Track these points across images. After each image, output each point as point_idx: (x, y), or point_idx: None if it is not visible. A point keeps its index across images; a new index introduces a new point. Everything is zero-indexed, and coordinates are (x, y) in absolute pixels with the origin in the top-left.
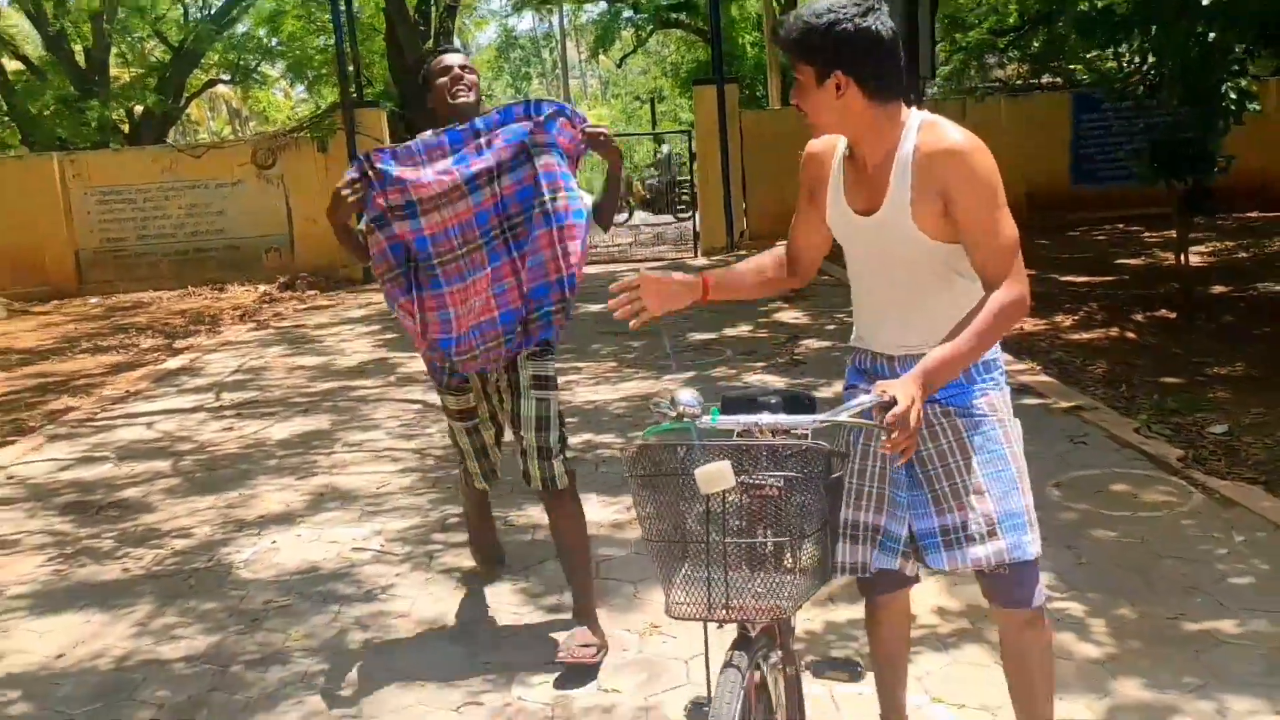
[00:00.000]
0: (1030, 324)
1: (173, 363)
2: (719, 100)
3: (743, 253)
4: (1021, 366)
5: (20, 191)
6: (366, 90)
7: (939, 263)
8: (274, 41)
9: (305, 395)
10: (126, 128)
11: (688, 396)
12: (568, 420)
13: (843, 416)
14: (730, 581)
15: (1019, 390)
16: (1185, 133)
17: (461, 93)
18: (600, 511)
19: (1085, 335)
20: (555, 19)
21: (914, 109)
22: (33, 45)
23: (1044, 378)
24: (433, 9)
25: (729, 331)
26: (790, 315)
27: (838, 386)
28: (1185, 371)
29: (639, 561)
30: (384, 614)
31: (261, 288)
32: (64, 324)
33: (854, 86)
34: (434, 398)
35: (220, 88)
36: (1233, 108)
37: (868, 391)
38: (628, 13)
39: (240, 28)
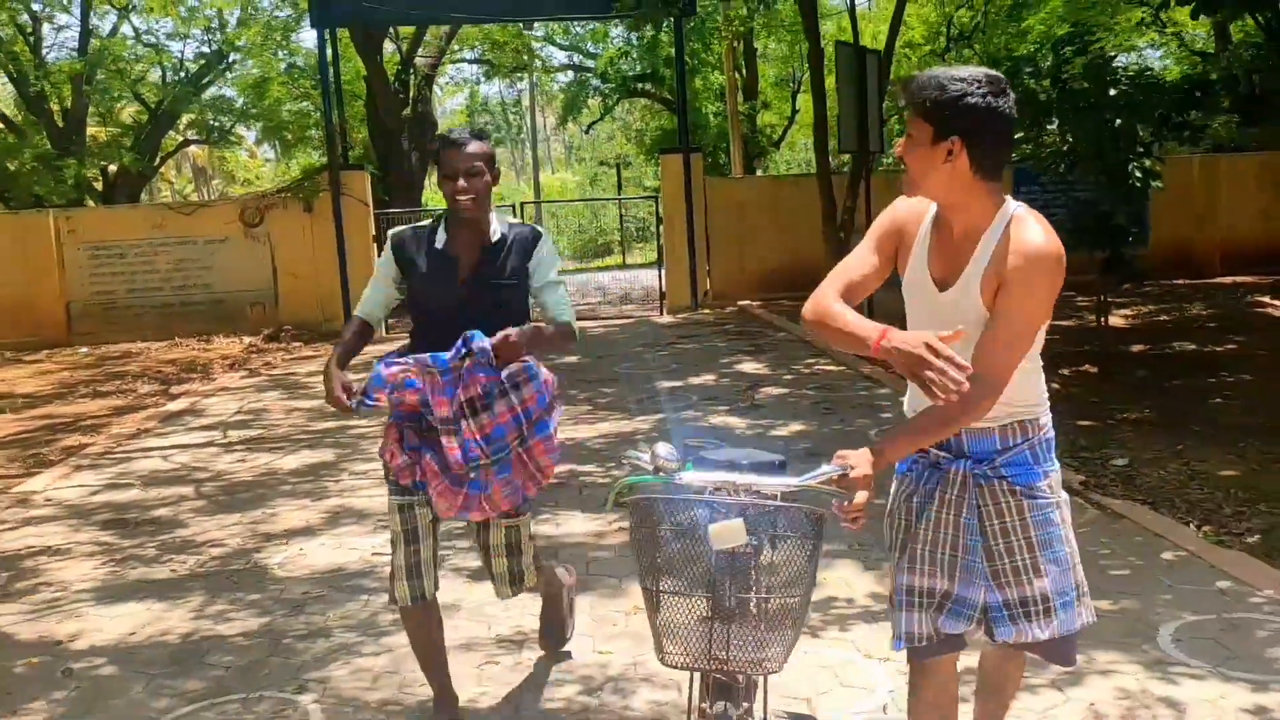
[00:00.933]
0: None
1: (174, 405)
2: (685, 168)
3: (706, 311)
4: None
5: (15, 245)
6: (350, 154)
7: None
8: (247, 107)
9: (307, 433)
10: (100, 185)
11: (665, 450)
12: None
13: (810, 482)
14: (732, 634)
15: None
16: (1102, 206)
17: (466, 206)
18: (585, 525)
19: None
20: (525, 86)
21: (1010, 198)
22: (7, 103)
23: None
24: (411, 77)
25: (693, 380)
26: (750, 366)
27: (795, 425)
28: (1099, 417)
29: (622, 560)
30: None
31: (247, 339)
32: (58, 371)
33: (965, 156)
34: None
35: (191, 148)
36: (1138, 184)
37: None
38: (595, 81)
39: (215, 90)
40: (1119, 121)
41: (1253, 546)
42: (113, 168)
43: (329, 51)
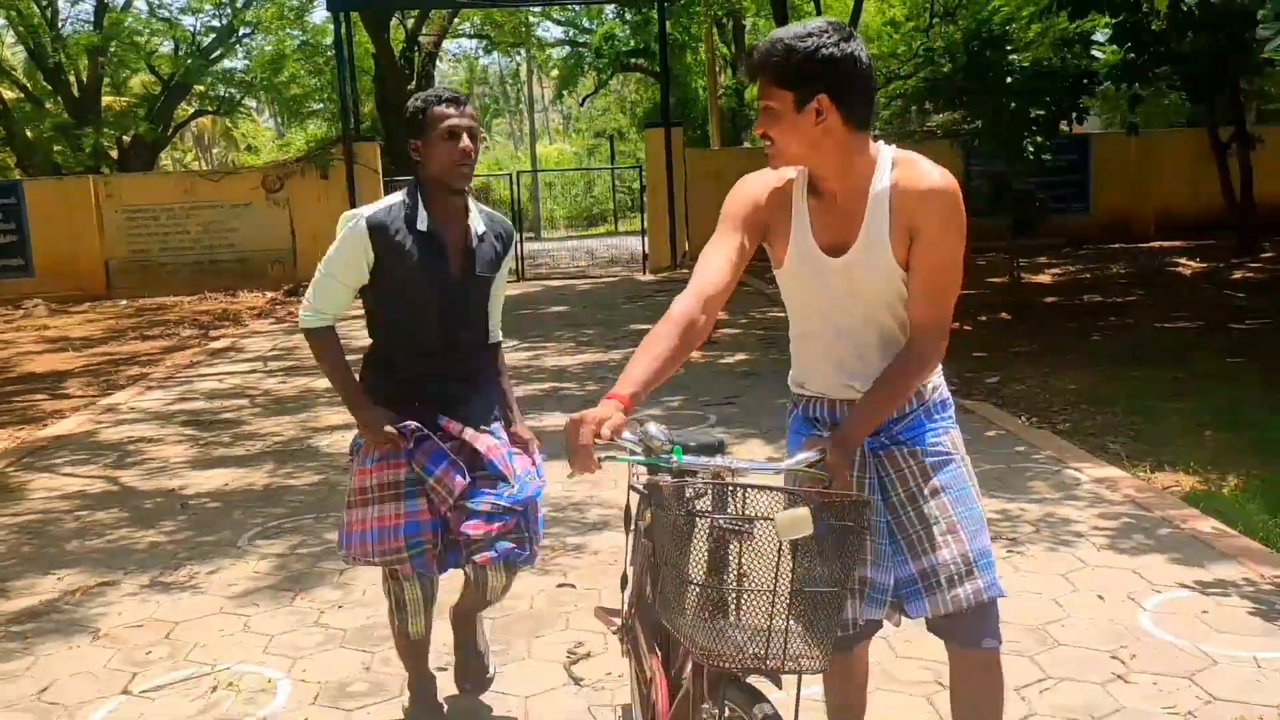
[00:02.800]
0: None
1: (217, 344)
2: (666, 141)
3: (685, 270)
4: None
5: (59, 208)
6: (360, 126)
7: (902, 300)
8: (258, 80)
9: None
10: (115, 154)
11: (656, 430)
12: (538, 381)
13: (793, 468)
14: (790, 631)
15: None
16: (1004, 178)
17: (465, 174)
18: (562, 421)
19: None
20: (523, 59)
21: (881, 143)
22: (25, 74)
23: None
24: (416, 53)
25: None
26: None
27: (740, 355)
28: (995, 350)
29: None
30: None
31: (269, 294)
32: (104, 320)
33: (835, 112)
34: None
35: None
36: (1031, 158)
37: (824, 436)
38: (590, 57)
39: (227, 63)
40: (1014, 105)
41: (1059, 429)
42: (127, 137)
43: (343, 31)
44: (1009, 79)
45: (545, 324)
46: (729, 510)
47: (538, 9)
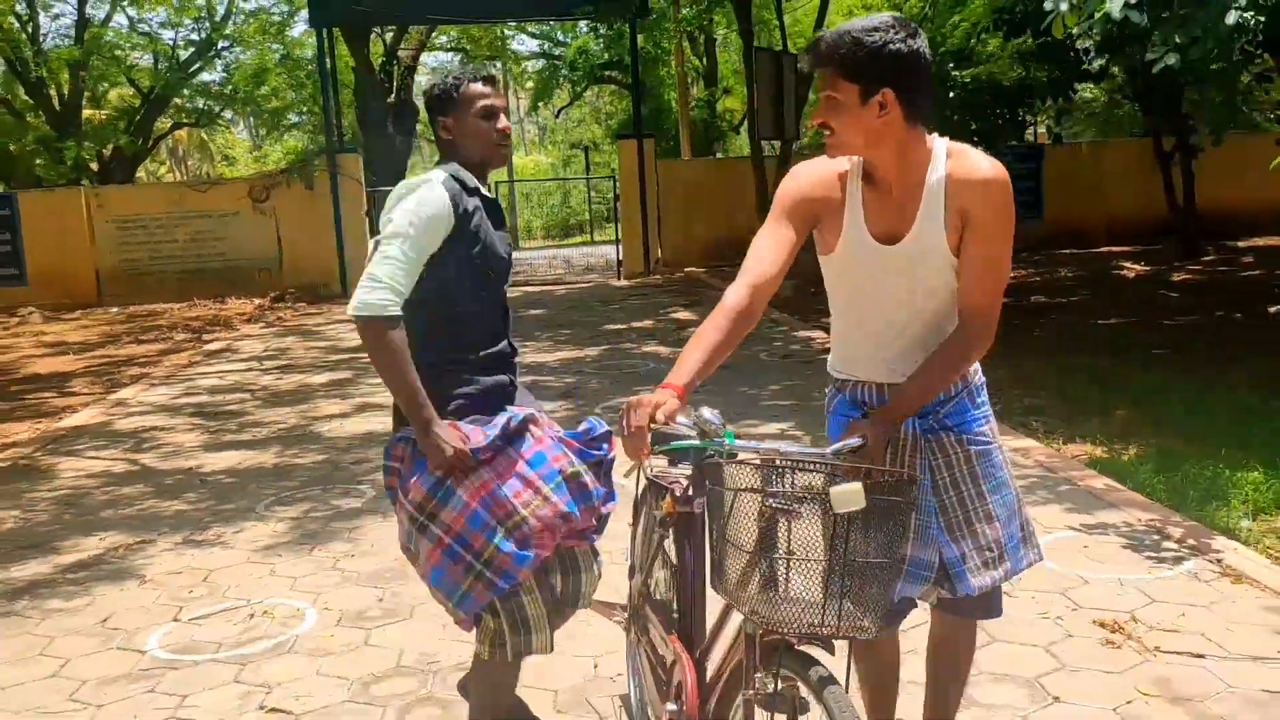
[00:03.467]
0: None
1: (212, 346)
2: (638, 152)
3: (657, 276)
4: None
5: (51, 218)
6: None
7: (954, 289)
8: (237, 93)
9: (325, 363)
10: (95, 166)
11: (711, 414)
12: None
13: (838, 451)
14: (845, 600)
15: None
16: None
17: (505, 154)
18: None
19: None
20: (498, 71)
21: (935, 135)
22: (3, 87)
23: None
24: (394, 67)
25: (634, 324)
26: (684, 314)
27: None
28: None
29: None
30: None
31: (256, 300)
32: (97, 326)
33: (898, 106)
34: None
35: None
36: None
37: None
38: (565, 70)
39: (205, 76)
40: (955, 118)
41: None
42: (107, 149)
43: (326, 46)
44: (950, 93)
45: (524, 325)
46: (776, 488)
47: (512, 24)
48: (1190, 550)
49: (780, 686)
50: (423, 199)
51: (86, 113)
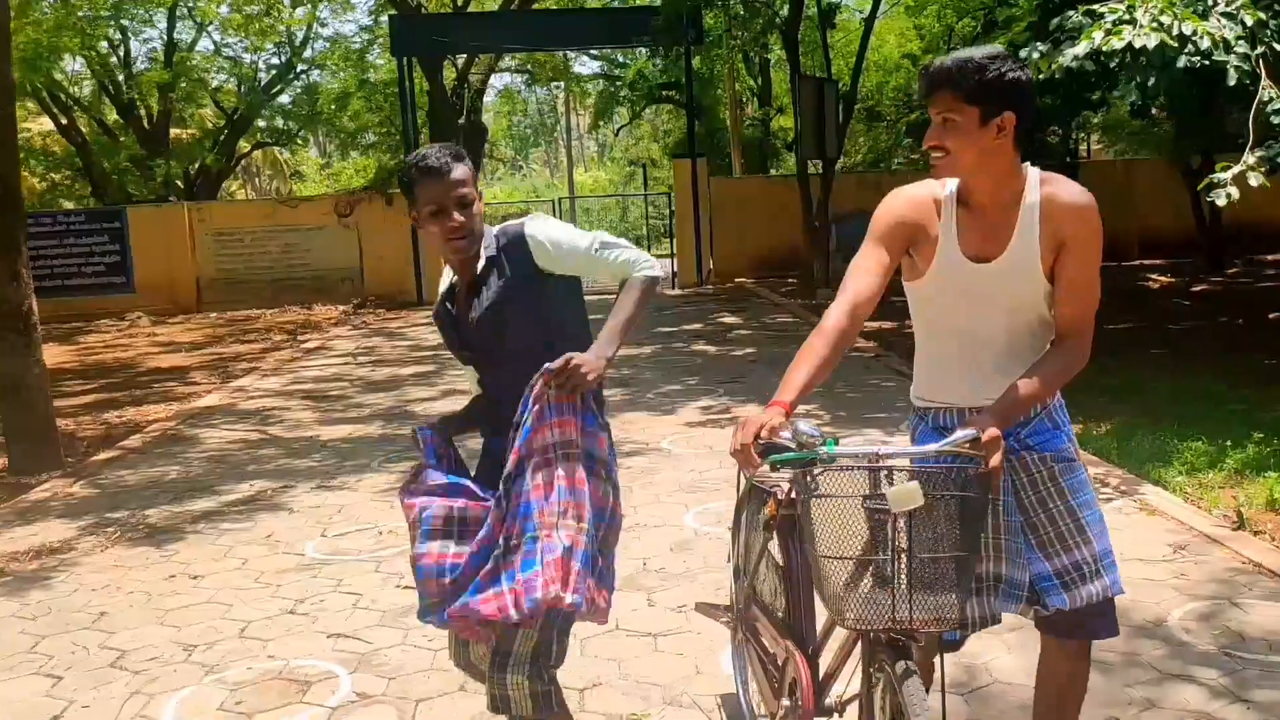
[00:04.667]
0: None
1: (309, 345)
2: (692, 170)
3: (709, 286)
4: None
5: (157, 232)
6: None
7: (1046, 310)
8: (317, 115)
9: (411, 358)
10: (181, 183)
11: (808, 427)
12: None
13: (947, 447)
14: (914, 595)
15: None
16: None
17: (461, 247)
18: None
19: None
20: (561, 90)
21: (1028, 164)
22: (93, 106)
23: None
24: (465, 91)
25: (686, 327)
26: (731, 319)
27: (748, 349)
28: None
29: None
30: None
31: (340, 307)
32: (201, 329)
33: (1011, 130)
34: None
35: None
36: None
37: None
38: (624, 90)
39: (284, 98)
40: None
41: None
42: (194, 167)
43: (407, 74)
44: None
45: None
46: (879, 492)
47: (574, 50)
48: (1121, 494)
49: (884, 681)
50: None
51: (174, 132)
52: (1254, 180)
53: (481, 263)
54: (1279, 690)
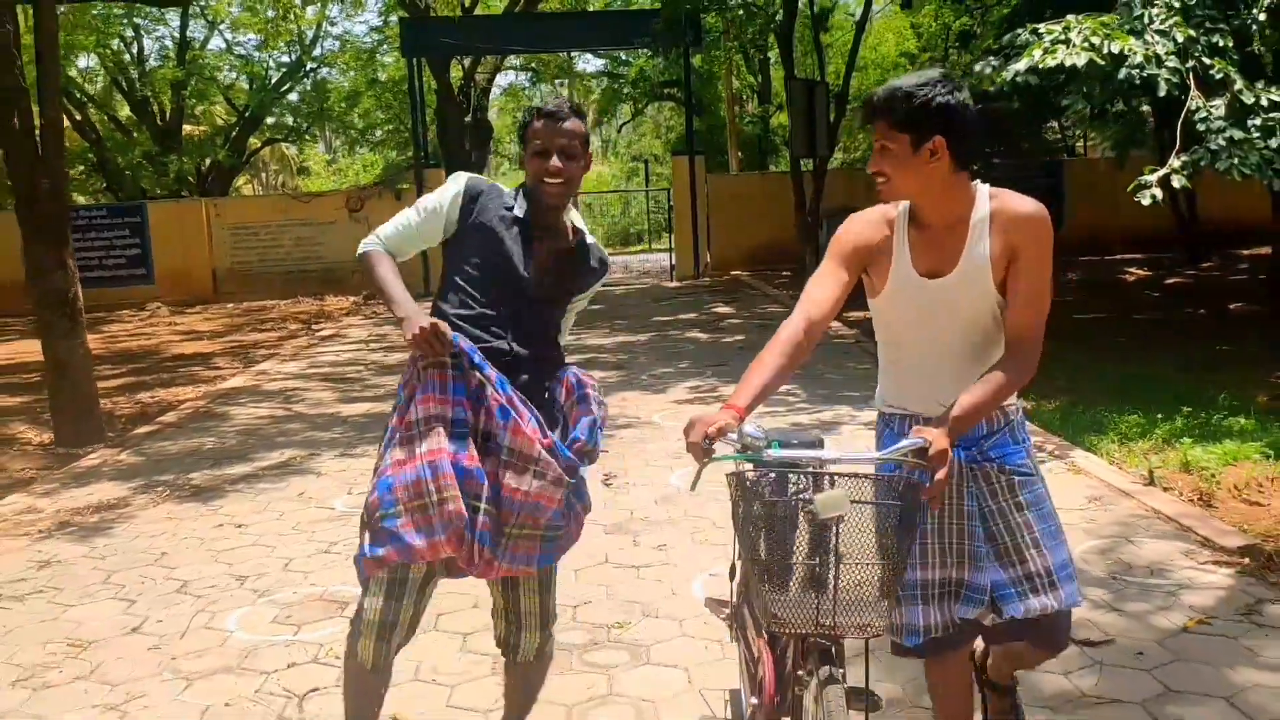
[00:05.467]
0: None
1: (324, 333)
2: (690, 167)
3: (706, 279)
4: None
5: (175, 226)
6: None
7: (997, 320)
8: (327, 112)
9: None
10: (193, 179)
11: (752, 429)
12: None
13: (891, 456)
14: (839, 600)
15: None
16: None
17: (555, 192)
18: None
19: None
20: (564, 87)
21: (977, 181)
22: (104, 102)
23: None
24: (471, 89)
25: (680, 316)
26: (724, 309)
27: (737, 336)
28: None
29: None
30: None
31: (351, 298)
32: (219, 318)
33: (946, 152)
34: None
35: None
36: None
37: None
38: (626, 87)
39: (293, 97)
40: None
41: None
42: (205, 163)
43: (417, 74)
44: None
45: (586, 317)
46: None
47: (577, 52)
48: (1054, 457)
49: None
50: (441, 191)
51: (186, 129)
52: (1177, 182)
53: (576, 238)
54: (1147, 603)
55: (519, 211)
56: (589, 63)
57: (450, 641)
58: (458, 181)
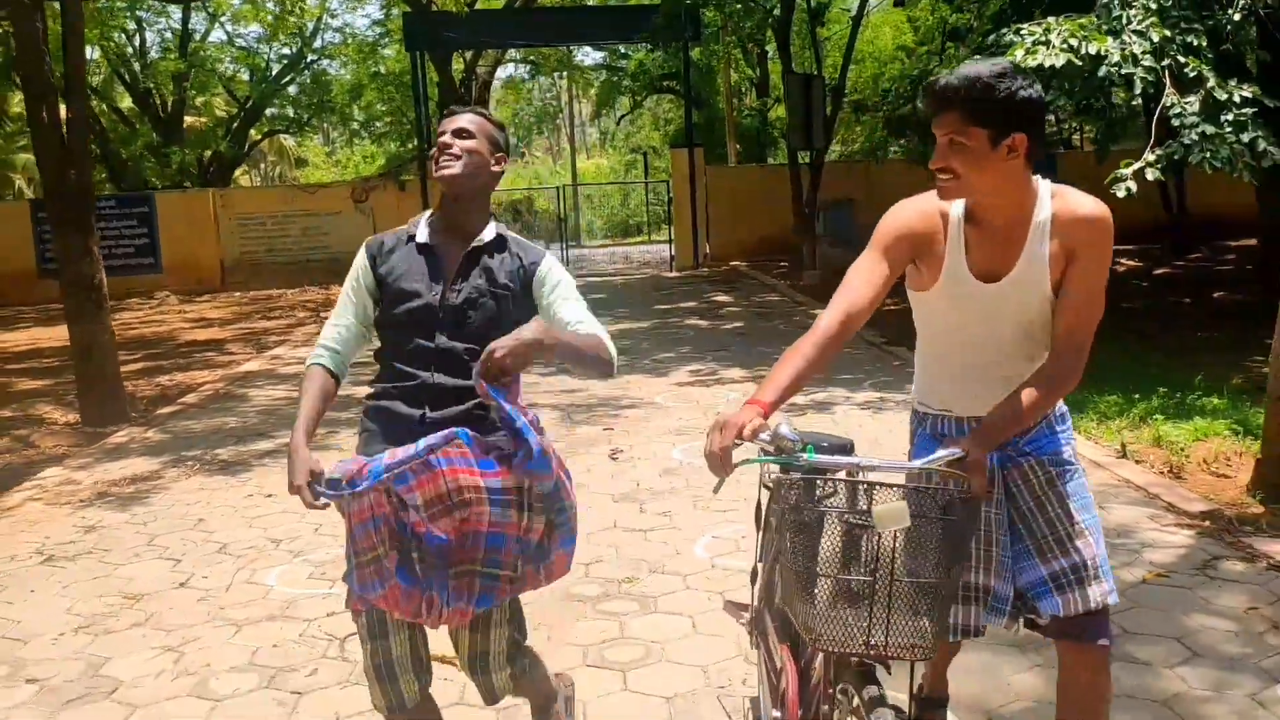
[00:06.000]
0: None
1: None
2: (689, 159)
3: (705, 269)
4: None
5: (183, 216)
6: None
7: (1049, 323)
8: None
9: None
10: (194, 170)
11: (788, 430)
12: None
13: (929, 465)
14: (891, 619)
15: None
16: None
17: (446, 163)
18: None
19: None
20: (564, 79)
21: (1038, 176)
22: (105, 93)
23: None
24: (473, 82)
25: (681, 304)
26: (723, 297)
27: (736, 323)
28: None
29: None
30: None
31: None
32: (227, 307)
33: (1023, 150)
34: None
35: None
36: None
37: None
38: (626, 80)
39: (293, 89)
40: None
41: None
42: (207, 154)
43: (420, 67)
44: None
45: (589, 305)
46: (858, 506)
47: (577, 46)
48: None
49: (855, 703)
50: (353, 267)
51: (187, 120)
52: (1150, 175)
53: (489, 236)
54: (1111, 559)
55: (416, 231)
56: (588, 55)
57: None
58: (362, 249)
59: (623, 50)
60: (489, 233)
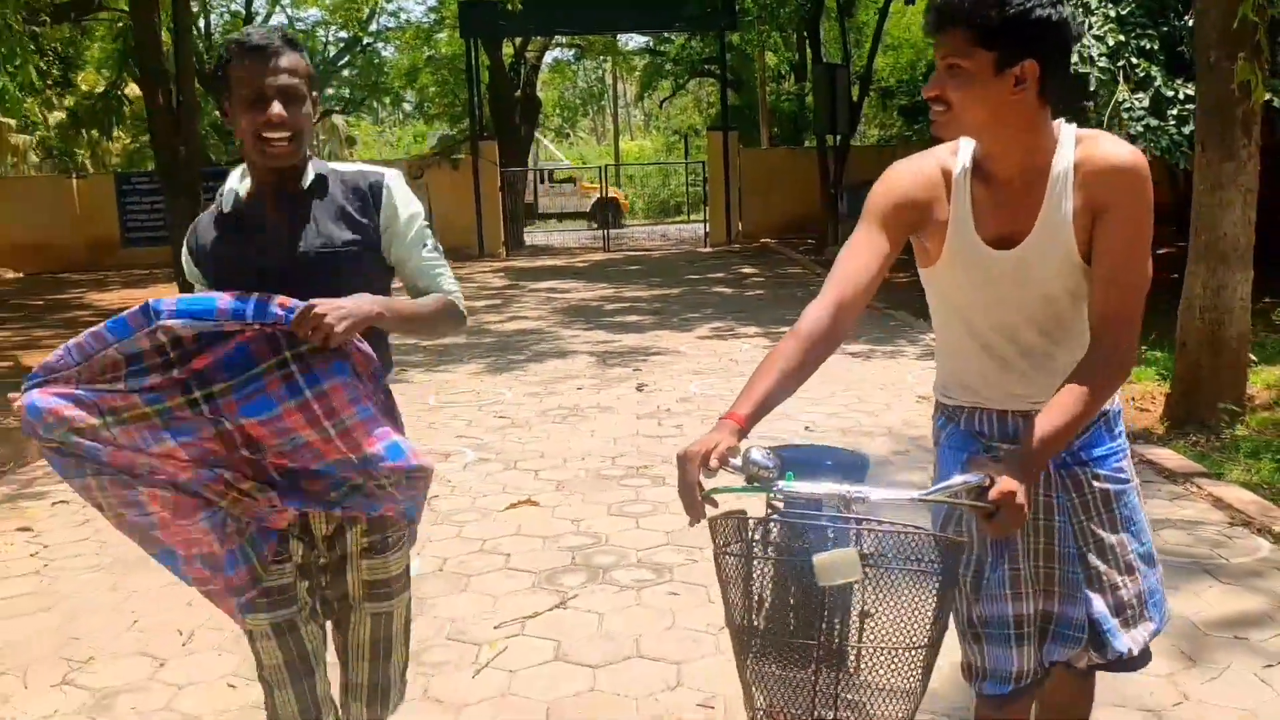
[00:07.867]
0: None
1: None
2: (724, 142)
3: (737, 245)
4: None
5: None
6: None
7: (1079, 295)
8: (386, 86)
9: (480, 294)
10: None
11: (760, 455)
12: None
13: (940, 496)
14: (841, 689)
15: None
16: None
17: (279, 151)
18: (639, 340)
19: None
20: (608, 64)
21: (1062, 121)
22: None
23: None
24: (521, 67)
25: (710, 275)
26: (749, 270)
27: (759, 291)
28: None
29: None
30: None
31: None
32: None
33: (1035, 82)
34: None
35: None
36: None
37: (995, 458)
38: (668, 64)
39: (346, 72)
40: None
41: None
42: None
43: (474, 52)
44: None
45: (626, 275)
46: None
47: (621, 33)
48: None
49: None
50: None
51: None
52: None
53: (310, 178)
54: None
55: (224, 206)
56: (631, 40)
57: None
58: (184, 246)
59: (665, 35)
60: (309, 175)
